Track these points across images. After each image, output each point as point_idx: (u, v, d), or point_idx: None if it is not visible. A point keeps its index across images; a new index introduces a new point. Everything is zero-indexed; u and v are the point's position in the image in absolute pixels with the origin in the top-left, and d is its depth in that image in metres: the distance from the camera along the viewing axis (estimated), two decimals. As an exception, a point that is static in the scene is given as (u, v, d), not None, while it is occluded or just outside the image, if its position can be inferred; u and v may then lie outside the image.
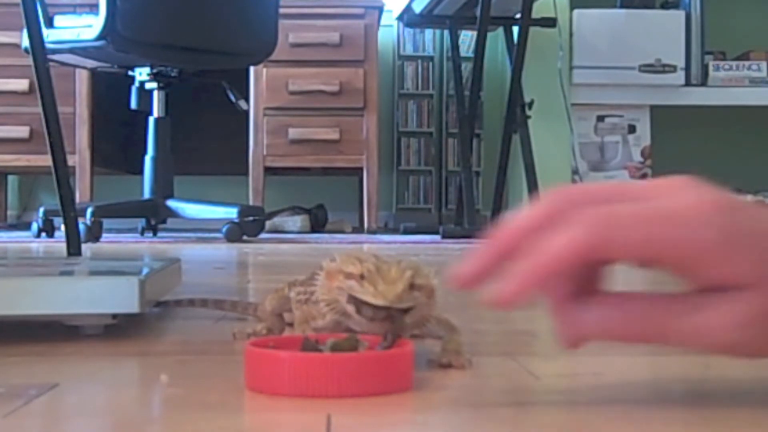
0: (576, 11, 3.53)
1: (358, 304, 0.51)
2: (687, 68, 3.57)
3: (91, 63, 2.71)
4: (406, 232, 3.26)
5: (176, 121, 2.88)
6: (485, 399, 0.49)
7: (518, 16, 3.16)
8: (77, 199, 3.00)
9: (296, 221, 3.48)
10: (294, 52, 3.27)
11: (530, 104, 3.14)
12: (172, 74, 2.73)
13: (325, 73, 3.28)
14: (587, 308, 0.41)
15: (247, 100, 3.08)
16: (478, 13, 3.03)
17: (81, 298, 0.64)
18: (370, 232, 3.30)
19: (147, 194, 2.75)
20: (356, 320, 0.52)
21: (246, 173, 3.29)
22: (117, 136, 3.49)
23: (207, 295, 0.84)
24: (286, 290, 0.65)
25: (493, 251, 0.41)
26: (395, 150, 3.90)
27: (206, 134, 3.65)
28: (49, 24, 2.50)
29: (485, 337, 0.74)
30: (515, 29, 3.22)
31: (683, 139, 3.92)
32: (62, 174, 1.35)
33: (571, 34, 3.53)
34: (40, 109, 1.36)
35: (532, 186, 3.09)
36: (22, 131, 3.20)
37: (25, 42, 1.46)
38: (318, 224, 3.56)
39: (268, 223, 3.11)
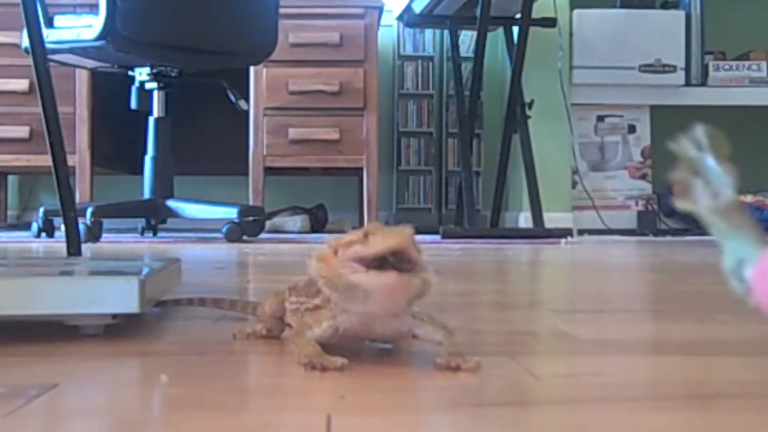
0: (576, 11, 3.53)
1: (367, 261, 0.51)
2: (687, 68, 3.57)
3: (91, 63, 2.71)
4: (406, 232, 3.26)
5: (176, 121, 2.88)
6: (485, 399, 0.49)
7: (518, 16, 3.16)
8: (77, 199, 3.00)
9: (296, 221, 3.48)
10: (294, 52, 3.27)
11: (530, 104, 3.14)
12: (172, 74, 2.73)
13: (325, 73, 3.28)
14: None
15: (247, 100, 3.08)
16: (478, 13, 3.03)
17: (81, 298, 0.64)
18: (370, 232, 3.29)
19: (147, 194, 2.75)
20: (365, 288, 0.52)
21: (246, 173, 3.29)
22: (117, 136, 3.49)
23: (206, 295, 0.84)
24: (286, 294, 0.65)
25: None
26: (395, 150, 3.89)
27: (206, 134, 3.65)
28: (49, 24, 2.50)
29: (485, 337, 0.74)
30: (515, 29, 3.22)
31: (683, 139, 3.92)
32: (62, 174, 1.35)
33: (571, 34, 3.53)
34: (40, 109, 1.36)
35: (532, 186, 3.09)
36: (22, 131, 3.20)
37: (25, 42, 1.46)
38: (318, 224, 3.56)
39: (268, 223, 3.11)
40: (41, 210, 2.71)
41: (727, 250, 0.24)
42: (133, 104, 2.72)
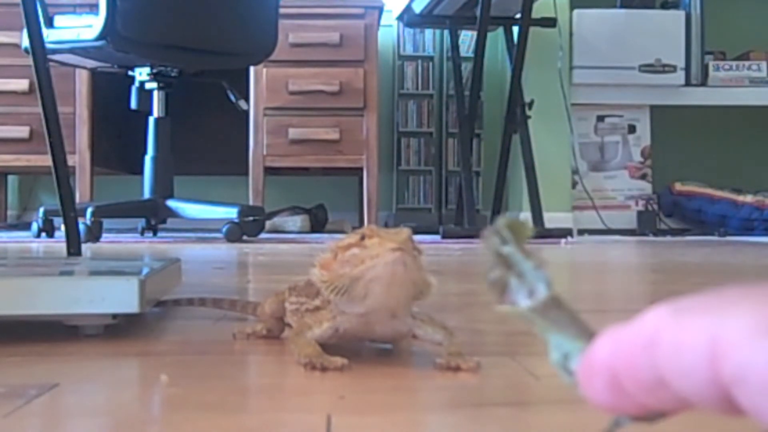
0: (576, 11, 3.53)
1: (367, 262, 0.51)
2: (687, 68, 3.57)
3: (91, 63, 2.71)
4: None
5: (176, 121, 2.88)
6: (485, 399, 0.49)
7: (518, 16, 3.16)
8: (77, 199, 3.00)
9: (296, 221, 3.48)
10: (294, 52, 3.27)
11: (530, 104, 3.14)
12: (172, 74, 2.73)
13: (325, 73, 3.28)
14: None
15: (247, 100, 3.08)
16: (478, 13, 3.03)
17: (81, 298, 0.64)
18: (370, 232, 3.29)
19: (147, 194, 2.75)
20: (365, 280, 0.52)
21: (246, 173, 3.28)
22: (117, 136, 3.49)
23: (206, 295, 0.84)
24: (286, 294, 0.65)
25: None
26: (395, 150, 3.89)
27: (206, 134, 3.65)
28: (49, 24, 2.50)
29: (485, 337, 0.74)
30: (515, 29, 3.22)
31: (683, 139, 3.92)
32: (62, 174, 1.35)
33: (571, 34, 3.53)
34: (40, 109, 1.36)
35: (532, 186, 3.09)
36: (22, 131, 3.20)
37: (25, 42, 1.46)
38: (318, 224, 3.56)
39: (268, 223, 3.11)
40: (41, 210, 2.71)
41: (551, 345, 0.24)
42: (133, 104, 2.72)
